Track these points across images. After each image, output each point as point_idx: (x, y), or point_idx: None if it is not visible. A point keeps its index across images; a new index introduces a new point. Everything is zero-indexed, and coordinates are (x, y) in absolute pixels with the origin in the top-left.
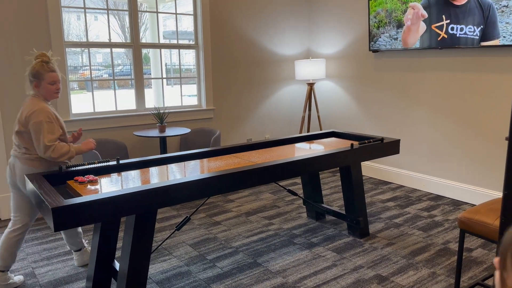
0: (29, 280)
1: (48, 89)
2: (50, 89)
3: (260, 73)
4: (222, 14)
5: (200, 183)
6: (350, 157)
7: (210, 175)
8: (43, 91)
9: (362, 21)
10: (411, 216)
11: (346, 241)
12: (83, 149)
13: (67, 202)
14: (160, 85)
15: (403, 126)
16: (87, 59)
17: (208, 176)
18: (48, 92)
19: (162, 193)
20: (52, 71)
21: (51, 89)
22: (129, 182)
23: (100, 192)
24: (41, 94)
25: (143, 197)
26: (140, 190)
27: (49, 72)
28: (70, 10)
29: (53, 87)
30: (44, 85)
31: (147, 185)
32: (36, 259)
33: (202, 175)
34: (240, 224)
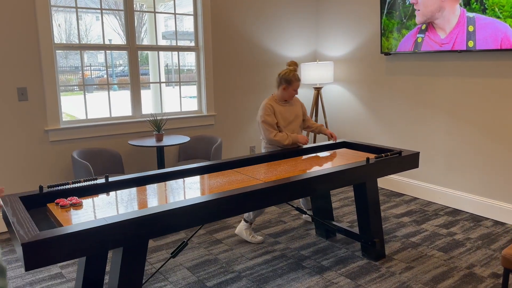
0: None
1: (291, 94)
2: (292, 94)
3: (263, 77)
4: (223, 14)
5: (198, 208)
6: (366, 172)
7: (209, 198)
8: (286, 94)
9: (374, 20)
10: (429, 233)
11: (360, 264)
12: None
13: (40, 235)
14: (159, 89)
15: (417, 135)
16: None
17: (207, 199)
18: (290, 95)
19: (154, 221)
20: (298, 80)
21: (292, 93)
22: (118, 205)
23: (84, 218)
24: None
25: (132, 226)
26: (128, 219)
27: (297, 81)
28: (71, 10)
29: (294, 92)
30: (290, 90)
31: (137, 211)
32: (18, 285)
33: (201, 199)
34: (243, 243)
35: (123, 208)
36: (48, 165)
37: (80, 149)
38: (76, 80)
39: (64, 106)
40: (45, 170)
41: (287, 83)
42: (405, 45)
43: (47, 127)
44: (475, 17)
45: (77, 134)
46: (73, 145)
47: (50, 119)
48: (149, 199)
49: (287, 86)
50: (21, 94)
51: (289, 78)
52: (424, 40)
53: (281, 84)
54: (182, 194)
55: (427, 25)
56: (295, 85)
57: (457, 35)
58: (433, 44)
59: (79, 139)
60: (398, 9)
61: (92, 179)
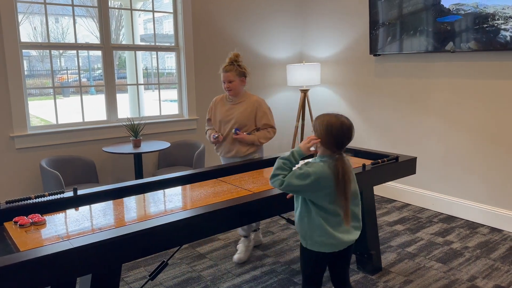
0: None
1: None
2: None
3: (249, 78)
4: (205, 12)
5: (181, 226)
6: (362, 180)
7: (193, 213)
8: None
9: (362, 20)
10: (425, 243)
11: (356, 279)
12: None
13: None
14: (136, 92)
15: (409, 139)
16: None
17: (191, 214)
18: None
19: (129, 243)
20: (224, 71)
21: (223, 86)
22: (88, 223)
23: (45, 240)
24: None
25: (103, 250)
26: (98, 241)
27: (222, 72)
28: (48, 13)
29: (224, 85)
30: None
31: (108, 232)
32: None
33: (183, 214)
34: (229, 257)
35: (94, 226)
36: (13, 175)
37: (50, 156)
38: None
39: (39, 112)
40: (10, 181)
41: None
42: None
43: (12, 134)
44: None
45: (47, 141)
46: (42, 153)
47: (16, 125)
48: (125, 214)
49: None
50: None
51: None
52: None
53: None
54: (162, 207)
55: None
56: (222, 77)
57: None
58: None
59: (49, 147)
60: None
61: (58, 192)
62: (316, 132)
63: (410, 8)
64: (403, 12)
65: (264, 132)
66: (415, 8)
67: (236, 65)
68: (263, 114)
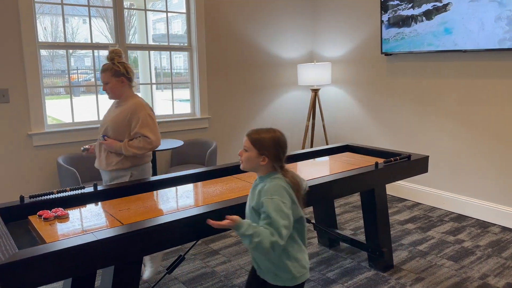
0: None
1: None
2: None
3: (259, 78)
4: (218, 12)
5: (202, 219)
6: (375, 178)
7: (212, 208)
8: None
9: (373, 19)
10: (436, 241)
11: (368, 275)
12: None
13: (19, 255)
14: (149, 91)
15: (420, 138)
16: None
17: (210, 209)
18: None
19: (150, 236)
20: (101, 71)
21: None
22: (108, 216)
23: (69, 233)
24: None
25: (125, 242)
26: (120, 234)
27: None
28: (58, 13)
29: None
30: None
31: (130, 225)
32: None
33: (204, 209)
34: (242, 254)
35: (113, 220)
36: (31, 171)
37: (66, 154)
38: (63, 83)
39: (50, 110)
40: (28, 177)
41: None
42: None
43: (30, 132)
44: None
45: (63, 139)
46: (58, 150)
47: (34, 123)
48: (143, 209)
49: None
50: (2, 96)
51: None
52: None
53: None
54: (176, 204)
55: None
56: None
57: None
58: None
59: (65, 144)
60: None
61: (79, 187)
62: (261, 149)
63: (421, 7)
64: (414, 10)
65: (135, 141)
66: (427, 7)
67: (114, 64)
68: (137, 122)
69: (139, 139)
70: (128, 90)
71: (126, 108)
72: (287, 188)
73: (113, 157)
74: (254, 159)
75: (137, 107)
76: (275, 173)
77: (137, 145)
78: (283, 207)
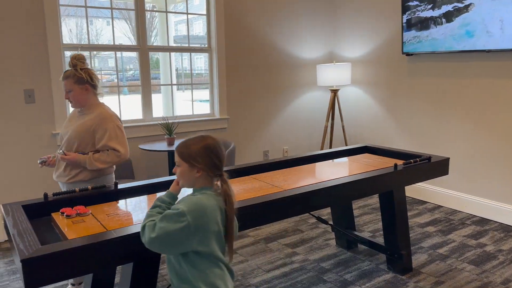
0: None
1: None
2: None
3: (278, 79)
4: (237, 14)
5: None
6: (394, 180)
7: None
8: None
9: (395, 18)
10: (457, 245)
11: (386, 278)
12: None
13: (41, 250)
14: (170, 92)
15: (441, 139)
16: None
17: None
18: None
19: None
20: (63, 78)
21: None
22: (128, 214)
23: (90, 230)
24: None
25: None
26: (138, 232)
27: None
28: (82, 15)
29: (65, 95)
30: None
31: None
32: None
33: None
34: (259, 254)
35: (134, 218)
36: None
37: None
38: None
39: None
40: (52, 175)
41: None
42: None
43: (54, 131)
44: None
45: None
46: None
47: (58, 122)
48: None
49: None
50: (28, 96)
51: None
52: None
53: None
54: None
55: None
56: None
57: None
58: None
59: None
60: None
61: (100, 186)
62: (192, 161)
63: (441, 8)
64: (436, 10)
65: (102, 154)
66: (448, 7)
67: (76, 70)
68: (103, 133)
69: (107, 152)
70: (93, 98)
71: (92, 118)
72: (210, 208)
73: (74, 169)
74: (187, 173)
75: (103, 117)
76: (207, 188)
77: (104, 159)
78: (175, 226)
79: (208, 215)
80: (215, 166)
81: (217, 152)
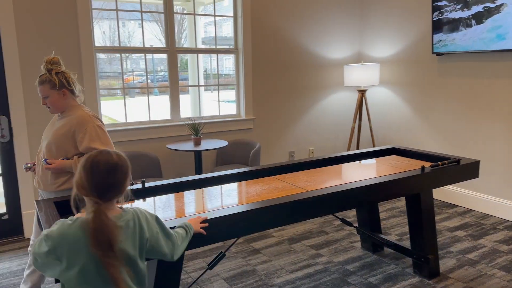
0: None
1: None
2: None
3: (305, 79)
4: (264, 15)
5: (237, 218)
6: (420, 182)
7: (250, 208)
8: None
9: (424, 17)
10: (487, 250)
11: (412, 282)
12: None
13: None
14: (197, 93)
15: (473, 142)
16: (131, 66)
17: (247, 208)
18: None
19: None
20: (38, 83)
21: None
22: (154, 212)
23: None
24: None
25: None
26: None
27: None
28: (115, 17)
29: (42, 101)
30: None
31: (171, 221)
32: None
33: (240, 208)
34: (283, 254)
35: (160, 215)
36: None
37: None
38: (119, 85)
39: (107, 111)
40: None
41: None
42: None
43: None
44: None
45: (117, 138)
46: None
47: None
48: (186, 206)
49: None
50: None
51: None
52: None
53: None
54: (220, 201)
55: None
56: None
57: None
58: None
59: (119, 143)
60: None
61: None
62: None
63: (471, 9)
64: (468, 8)
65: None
66: (477, 9)
67: (51, 75)
68: (84, 135)
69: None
70: (72, 102)
71: (70, 120)
72: (59, 234)
73: (61, 176)
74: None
75: (82, 119)
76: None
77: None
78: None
79: (60, 248)
80: (87, 188)
81: (92, 170)
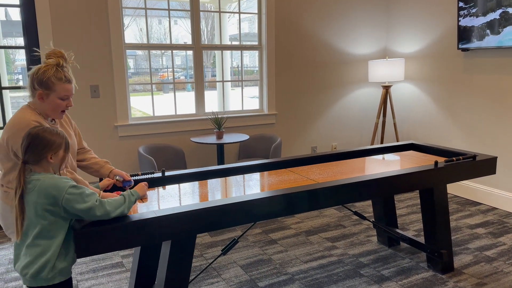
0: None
1: (56, 105)
2: (59, 105)
3: (328, 75)
4: (287, 11)
5: (244, 206)
6: (433, 177)
7: (253, 197)
8: (48, 107)
9: (450, 13)
10: (507, 248)
11: (424, 276)
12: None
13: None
14: (222, 88)
15: (498, 139)
16: (167, 62)
17: (250, 198)
18: (54, 109)
19: (201, 217)
20: (68, 81)
21: (60, 105)
22: (170, 199)
23: (136, 210)
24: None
25: (180, 220)
26: (175, 213)
27: (64, 83)
28: (151, 15)
29: (64, 103)
30: (53, 98)
31: (184, 206)
32: (82, 271)
33: (244, 197)
34: (299, 245)
35: (174, 202)
36: (116, 158)
37: (146, 144)
38: (154, 80)
39: (141, 105)
40: (113, 163)
41: (45, 87)
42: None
43: (116, 123)
44: None
45: (144, 131)
46: (139, 140)
47: (119, 116)
48: (200, 195)
49: (46, 93)
50: (94, 91)
51: (45, 79)
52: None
53: (34, 89)
54: (224, 192)
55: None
56: (60, 91)
57: None
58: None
59: (146, 135)
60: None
61: (149, 172)
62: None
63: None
64: (494, 3)
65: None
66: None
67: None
68: (80, 134)
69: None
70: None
71: (70, 127)
72: None
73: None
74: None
75: (74, 124)
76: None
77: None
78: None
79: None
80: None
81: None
